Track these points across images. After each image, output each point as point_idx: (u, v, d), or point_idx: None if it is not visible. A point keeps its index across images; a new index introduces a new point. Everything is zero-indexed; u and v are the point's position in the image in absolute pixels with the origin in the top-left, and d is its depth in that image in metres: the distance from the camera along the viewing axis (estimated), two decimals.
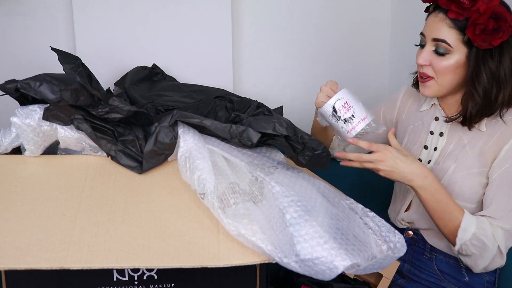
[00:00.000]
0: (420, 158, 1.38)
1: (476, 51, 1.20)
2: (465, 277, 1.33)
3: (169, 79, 1.71)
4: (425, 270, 1.38)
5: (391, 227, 1.01)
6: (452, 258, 1.35)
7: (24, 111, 1.14)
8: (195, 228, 1.01)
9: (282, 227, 0.96)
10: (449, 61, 1.22)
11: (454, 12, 1.18)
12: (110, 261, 0.93)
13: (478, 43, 1.18)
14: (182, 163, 1.10)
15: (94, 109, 1.16)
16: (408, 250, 1.41)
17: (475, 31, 1.17)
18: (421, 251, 1.39)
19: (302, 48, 1.92)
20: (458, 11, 1.18)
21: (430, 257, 1.37)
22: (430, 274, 1.37)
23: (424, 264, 1.38)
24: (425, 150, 1.38)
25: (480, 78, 1.21)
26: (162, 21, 1.70)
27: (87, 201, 1.05)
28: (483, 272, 1.29)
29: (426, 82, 1.27)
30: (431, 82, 1.26)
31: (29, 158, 1.17)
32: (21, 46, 1.66)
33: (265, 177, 1.05)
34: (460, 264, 1.34)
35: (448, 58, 1.22)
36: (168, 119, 1.14)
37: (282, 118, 1.15)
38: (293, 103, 1.86)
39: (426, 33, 1.25)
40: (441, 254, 1.36)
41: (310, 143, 1.15)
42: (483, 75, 1.21)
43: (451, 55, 1.22)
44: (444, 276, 1.35)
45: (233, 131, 1.14)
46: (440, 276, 1.36)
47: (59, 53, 1.27)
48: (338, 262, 0.91)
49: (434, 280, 1.36)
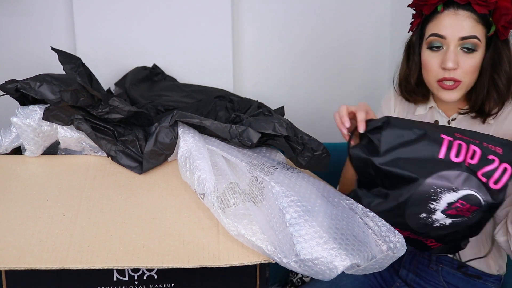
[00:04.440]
0: None
1: (495, 42, 1.18)
2: None
3: (169, 79, 1.72)
4: (431, 282, 1.36)
5: (391, 227, 1.01)
6: (458, 269, 1.34)
7: (24, 111, 1.14)
8: (195, 228, 1.01)
9: (282, 227, 0.96)
10: (475, 58, 1.18)
11: (482, 6, 1.15)
12: (110, 261, 0.93)
13: (504, 34, 1.16)
14: (182, 163, 1.10)
15: (94, 109, 1.17)
16: (412, 260, 1.39)
17: (502, 22, 1.15)
18: (426, 263, 1.37)
19: (302, 48, 1.92)
20: (483, 3, 1.15)
21: (436, 269, 1.35)
22: (437, 285, 1.35)
23: (430, 276, 1.36)
24: None
25: (503, 67, 1.19)
26: (162, 21, 1.70)
27: (87, 201, 1.05)
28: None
29: (456, 87, 1.19)
30: (460, 86, 1.20)
31: (29, 158, 1.17)
32: (21, 46, 1.66)
33: (265, 177, 1.05)
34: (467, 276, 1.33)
35: (474, 56, 1.18)
36: (168, 119, 1.14)
37: (282, 119, 1.15)
38: (293, 103, 1.86)
39: (447, 33, 1.18)
40: (448, 266, 1.34)
41: (310, 143, 1.15)
42: (505, 63, 1.19)
43: (477, 52, 1.18)
44: None
45: (233, 131, 1.14)
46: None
47: (60, 53, 1.27)
48: (338, 262, 0.91)
49: None
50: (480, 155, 1.03)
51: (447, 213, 1.04)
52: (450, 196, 1.02)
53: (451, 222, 1.05)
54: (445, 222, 1.05)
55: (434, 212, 1.04)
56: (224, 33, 1.75)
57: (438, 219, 1.05)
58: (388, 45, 1.99)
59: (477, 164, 1.02)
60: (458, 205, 1.02)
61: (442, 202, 1.03)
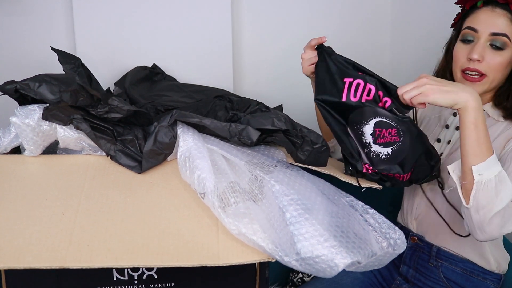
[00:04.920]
0: None
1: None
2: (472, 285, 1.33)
3: (169, 79, 1.71)
4: (431, 277, 1.37)
5: (391, 223, 1.01)
6: (458, 265, 1.34)
7: (23, 111, 1.14)
8: (194, 227, 1.01)
9: (283, 225, 0.96)
10: (503, 56, 1.21)
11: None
12: (110, 260, 0.93)
13: None
14: (181, 163, 1.10)
15: (93, 109, 1.16)
16: (412, 256, 1.40)
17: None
18: (426, 258, 1.38)
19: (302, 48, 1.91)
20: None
21: (436, 264, 1.36)
22: (436, 281, 1.36)
23: (430, 272, 1.37)
24: (438, 143, 1.37)
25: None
26: (162, 21, 1.70)
27: (86, 200, 1.05)
28: (489, 238, 1.14)
29: (480, 80, 1.23)
30: (485, 80, 1.23)
31: (28, 158, 1.17)
32: (21, 46, 1.66)
33: (264, 176, 1.05)
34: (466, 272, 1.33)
35: (502, 54, 1.21)
36: (167, 119, 1.14)
37: (280, 113, 1.15)
38: (293, 102, 1.85)
39: (480, 28, 1.22)
40: (447, 261, 1.35)
41: (309, 136, 1.15)
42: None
43: (505, 51, 1.21)
44: (450, 284, 1.35)
45: (232, 130, 1.14)
46: (447, 284, 1.35)
47: (59, 53, 1.26)
48: (338, 260, 0.91)
49: (439, 287, 1.35)
50: (374, 92, 1.14)
51: (378, 143, 1.16)
52: (368, 128, 1.14)
53: (391, 150, 1.16)
54: (387, 151, 1.16)
55: (370, 145, 1.16)
56: (224, 33, 1.75)
57: (378, 151, 1.16)
58: (388, 45, 1.99)
59: (373, 99, 1.14)
60: (378, 133, 1.14)
61: (367, 135, 1.16)
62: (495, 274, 1.34)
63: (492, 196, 1.08)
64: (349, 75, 1.16)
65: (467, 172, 1.11)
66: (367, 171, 1.20)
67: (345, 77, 1.16)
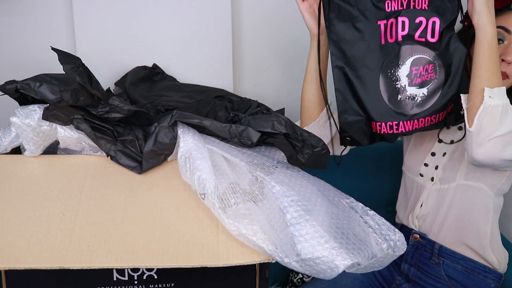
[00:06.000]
0: (426, 163, 1.38)
1: None
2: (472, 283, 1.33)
3: (169, 79, 1.71)
4: (432, 275, 1.37)
5: (391, 225, 1.01)
6: (460, 263, 1.34)
7: (23, 111, 1.14)
8: (194, 227, 1.01)
9: (283, 226, 0.96)
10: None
11: None
12: (110, 260, 0.93)
13: None
14: (182, 164, 1.10)
15: (94, 109, 1.16)
16: (414, 254, 1.40)
17: None
18: (428, 256, 1.38)
19: (302, 48, 1.91)
20: None
21: (437, 262, 1.36)
22: (437, 279, 1.36)
23: (431, 269, 1.37)
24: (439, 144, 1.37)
25: None
26: (162, 21, 1.70)
27: (87, 201, 1.05)
28: (487, 159, 1.15)
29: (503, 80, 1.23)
30: (505, 81, 1.23)
31: (29, 158, 1.17)
32: (21, 46, 1.65)
33: (265, 177, 1.05)
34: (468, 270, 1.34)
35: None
36: (168, 119, 1.14)
37: (281, 116, 1.15)
38: (293, 103, 1.85)
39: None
40: (449, 259, 1.35)
41: (310, 139, 1.15)
42: None
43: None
44: (451, 282, 1.35)
45: (232, 130, 1.14)
46: (448, 281, 1.35)
47: (59, 53, 1.26)
48: (338, 261, 0.91)
49: (441, 285, 1.36)
50: (408, 24, 1.14)
51: (414, 84, 1.15)
52: (404, 69, 1.15)
53: (427, 89, 1.16)
54: (423, 92, 1.16)
55: (405, 89, 1.16)
56: (224, 34, 1.75)
57: (414, 93, 1.16)
58: None
59: (408, 34, 1.14)
60: (415, 72, 1.15)
61: (402, 78, 1.15)
62: (495, 272, 1.34)
63: (496, 121, 1.11)
64: (381, 17, 1.16)
65: (476, 93, 1.13)
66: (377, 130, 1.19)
67: (379, 20, 1.16)
